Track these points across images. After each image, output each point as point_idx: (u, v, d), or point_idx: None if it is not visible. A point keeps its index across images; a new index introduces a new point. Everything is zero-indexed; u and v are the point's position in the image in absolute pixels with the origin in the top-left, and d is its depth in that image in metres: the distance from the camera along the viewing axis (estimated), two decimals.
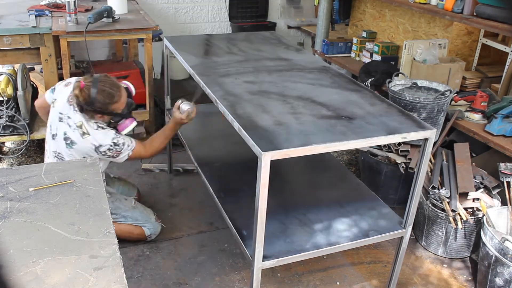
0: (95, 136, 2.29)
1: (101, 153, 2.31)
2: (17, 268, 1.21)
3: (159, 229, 2.68)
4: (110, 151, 2.32)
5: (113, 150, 2.33)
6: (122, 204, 2.59)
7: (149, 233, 2.63)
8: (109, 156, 2.35)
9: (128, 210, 2.58)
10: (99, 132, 2.30)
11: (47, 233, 1.35)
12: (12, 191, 1.52)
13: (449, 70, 3.19)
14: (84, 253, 1.28)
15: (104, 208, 1.48)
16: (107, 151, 2.31)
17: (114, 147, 2.32)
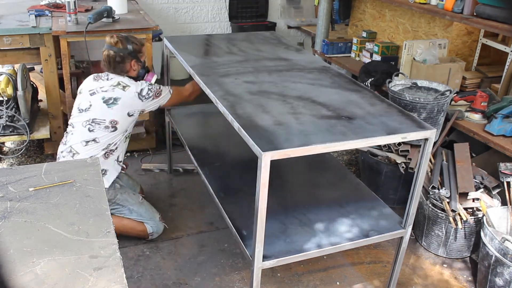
0: (135, 86, 2.54)
1: (145, 97, 2.54)
2: (17, 268, 1.21)
3: (162, 229, 2.68)
4: (151, 91, 2.57)
5: (154, 89, 2.58)
6: (130, 197, 2.63)
7: (151, 230, 2.63)
8: (152, 97, 2.56)
9: (135, 204, 2.61)
10: (136, 83, 2.57)
11: (47, 233, 1.35)
12: (12, 191, 1.52)
13: (449, 70, 3.19)
14: (84, 253, 1.28)
15: (104, 208, 1.48)
16: (149, 92, 2.55)
17: (153, 86, 2.60)
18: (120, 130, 2.52)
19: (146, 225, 2.62)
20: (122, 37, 2.59)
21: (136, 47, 2.61)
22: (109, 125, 2.48)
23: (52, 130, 3.31)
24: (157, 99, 2.60)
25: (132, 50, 2.58)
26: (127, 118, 2.53)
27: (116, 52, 2.54)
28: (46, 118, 3.34)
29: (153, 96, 2.57)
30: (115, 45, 2.55)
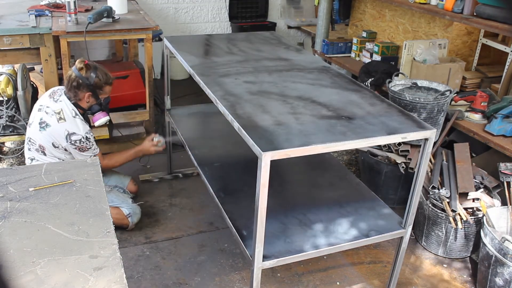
0: (71, 124, 2.48)
1: (70, 142, 2.46)
2: (17, 268, 1.21)
3: (139, 210, 2.73)
4: (81, 142, 2.48)
5: (83, 143, 2.49)
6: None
7: (127, 212, 2.67)
8: (76, 147, 2.48)
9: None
10: (75, 120, 2.50)
11: (47, 233, 1.35)
12: (12, 191, 1.52)
13: (449, 70, 3.19)
14: (84, 253, 1.28)
15: (104, 208, 1.48)
16: (77, 142, 2.47)
17: (86, 140, 2.50)
18: (49, 156, 2.51)
19: (121, 209, 2.66)
20: (91, 66, 2.55)
21: (98, 82, 2.55)
22: (39, 148, 2.51)
23: None
24: (80, 152, 2.51)
25: (91, 83, 2.53)
26: (53, 148, 2.50)
27: (76, 76, 2.51)
28: None
29: (78, 148, 2.50)
30: (79, 70, 2.52)
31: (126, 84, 3.52)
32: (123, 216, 2.66)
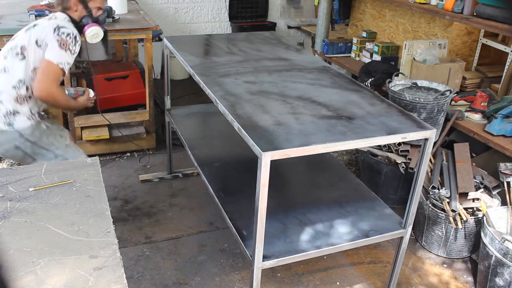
0: (63, 21, 2.33)
1: (58, 34, 2.27)
2: (17, 268, 1.21)
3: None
4: (67, 36, 2.28)
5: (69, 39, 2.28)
6: (57, 140, 2.44)
7: None
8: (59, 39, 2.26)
9: (60, 148, 2.42)
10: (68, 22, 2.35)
11: (47, 233, 1.35)
12: (12, 191, 1.52)
13: (449, 70, 3.19)
14: (84, 253, 1.28)
15: (104, 208, 1.48)
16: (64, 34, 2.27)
17: (73, 39, 2.30)
18: (27, 62, 2.29)
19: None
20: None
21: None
22: (19, 51, 2.29)
23: None
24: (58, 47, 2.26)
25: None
26: (36, 48, 2.27)
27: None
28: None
29: (60, 41, 2.26)
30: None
31: (126, 84, 3.53)
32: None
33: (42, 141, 2.36)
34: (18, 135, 2.28)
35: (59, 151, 2.41)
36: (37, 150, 2.34)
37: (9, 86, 2.27)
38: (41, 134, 2.35)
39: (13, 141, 2.28)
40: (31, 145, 2.32)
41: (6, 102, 2.26)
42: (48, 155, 2.38)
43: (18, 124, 2.27)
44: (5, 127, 2.25)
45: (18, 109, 2.28)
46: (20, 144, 2.29)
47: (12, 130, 2.26)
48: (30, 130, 2.30)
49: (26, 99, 2.30)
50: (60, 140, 2.45)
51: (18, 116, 2.28)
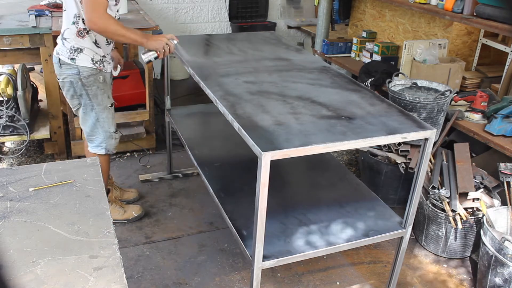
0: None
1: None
2: (17, 268, 1.21)
3: (114, 146, 2.60)
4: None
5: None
6: (103, 97, 2.46)
7: (103, 151, 2.58)
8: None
9: (101, 105, 2.46)
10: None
11: (47, 233, 1.35)
12: (12, 191, 1.52)
13: (449, 70, 3.19)
14: (84, 253, 1.28)
15: (104, 208, 1.48)
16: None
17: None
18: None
19: (93, 149, 2.56)
20: None
21: None
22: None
23: (52, 130, 3.31)
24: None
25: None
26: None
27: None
28: (46, 118, 3.34)
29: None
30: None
31: (126, 84, 3.52)
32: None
33: (90, 89, 2.41)
34: (76, 72, 2.35)
35: (97, 108, 2.46)
36: (83, 93, 2.41)
37: (69, 22, 2.33)
38: (94, 82, 2.40)
39: (71, 75, 2.36)
40: (81, 86, 2.38)
41: (70, 39, 2.33)
42: (87, 105, 2.44)
43: (80, 61, 2.34)
44: (68, 60, 2.34)
45: (81, 44, 2.34)
46: (73, 80, 2.37)
47: (73, 65, 2.34)
48: (87, 73, 2.37)
49: (86, 32, 2.34)
50: (105, 99, 2.48)
51: (82, 54, 2.34)
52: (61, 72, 2.38)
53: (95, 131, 2.53)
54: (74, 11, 2.32)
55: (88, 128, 2.53)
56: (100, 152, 2.57)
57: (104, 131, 2.53)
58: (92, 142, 2.57)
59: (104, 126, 2.52)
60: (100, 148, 2.57)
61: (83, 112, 2.48)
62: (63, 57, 2.35)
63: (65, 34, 2.35)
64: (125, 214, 2.82)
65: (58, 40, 2.41)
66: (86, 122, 2.51)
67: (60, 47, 2.38)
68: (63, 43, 2.36)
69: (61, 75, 2.40)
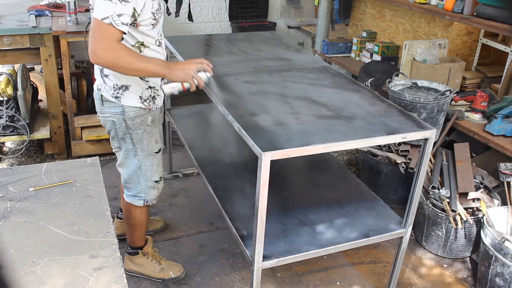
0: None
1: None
2: (17, 268, 1.21)
3: (154, 196, 2.25)
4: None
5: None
6: (148, 142, 2.12)
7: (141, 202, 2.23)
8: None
9: (144, 151, 2.12)
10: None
11: (47, 233, 1.35)
12: (12, 191, 1.52)
13: (449, 70, 3.19)
14: (84, 253, 1.28)
15: (104, 208, 1.48)
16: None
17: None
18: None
19: (129, 198, 2.22)
20: None
21: None
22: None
23: (52, 130, 3.31)
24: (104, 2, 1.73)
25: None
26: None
27: None
28: (46, 118, 3.34)
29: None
30: None
31: None
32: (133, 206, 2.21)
33: (136, 133, 2.06)
34: (120, 111, 2.01)
35: (141, 154, 2.12)
36: (126, 137, 2.07)
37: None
38: (141, 125, 2.06)
39: (113, 114, 2.03)
40: (124, 129, 2.05)
41: (111, 76, 1.99)
42: (129, 150, 2.10)
43: (125, 100, 2.00)
44: (112, 98, 2.00)
45: (125, 81, 1.98)
46: (116, 121, 2.03)
47: (118, 104, 2.00)
48: (133, 113, 2.02)
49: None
50: (151, 144, 2.14)
51: (127, 92, 2.00)
52: (103, 110, 2.05)
53: (134, 180, 2.17)
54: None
55: (126, 175, 2.17)
56: (138, 204, 2.21)
57: (146, 180, 2.17)
58: (129, 190, 2.21)
59: (146, 174, 2.16)
60: (137, 198, 2.21)
61: (123, 157, 2.13)
62: (106, 94, 2.01)
63: (105, 70, 1.99)
64: (161, 273, 2.40)
65: (96, 74, 2.05)
66: (126, 167, 2.16)
67: (100, 83, 2.03)
68: (103, 80, 2.01)
69: (102, 113, 2.06)
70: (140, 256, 2.40)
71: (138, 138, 2.08)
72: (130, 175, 2.16)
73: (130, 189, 2.21)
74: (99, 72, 2.03)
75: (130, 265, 2.41)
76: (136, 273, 2.41)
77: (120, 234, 2.48)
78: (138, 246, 2.39)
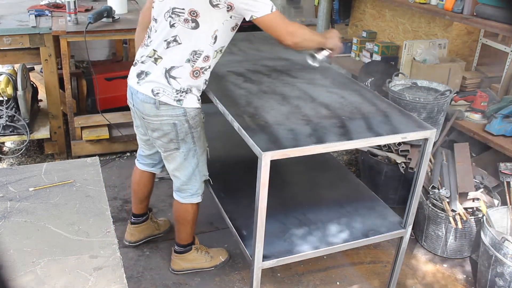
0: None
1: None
2: (17, 268, 1.21)
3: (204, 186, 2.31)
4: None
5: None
6: (203, 138, 2.19)
7: (199, 199, 2.29)
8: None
9: (202, 147, 2.17)
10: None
11: (47, 233, 1.35)
12: (12, 191, 1.52)
13: (449, 70, 3.19)
14: (84, 253, 1.28)
15: (104, 208, 1.48)
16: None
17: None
18: (203, 29, 1.91)
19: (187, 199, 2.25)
20: None
21: None
22: (188, 17, 1.90)
23: (52, 130, 3.31)
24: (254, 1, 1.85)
25: None
26: (211, 9, 1.87)
27: None
28: (46, 118, 3.34)
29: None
30: None
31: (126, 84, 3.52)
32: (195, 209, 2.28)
33: (196, 130, 2.10)
34: (182, 112, 2.00)
35: (199, 151, 2.16)
36: (187, 137, 2.08)
37: (182, 60, 1.95)
38: (199, 122, 2.11)
39: (174, 117, 2.01)
40: (187, 128, 2.05)
41: (182, 80, 1.97)
42: (190, 149, 2.12)
43: (187, 102, 2.00)
44: (174, 102, 1.98)
45: (193, 84, 2.00)
46: (178, 123, 2.02)
47: (179, 106, 1.99)
48: (194, 112, 2.05)
49: (203, 72, 2.01)
50: (205, 141, 2.21)
51: (190, 94, 2.01)
52: (159, 113, 1.99)
53: (193, 179, 2.20)
54: (194, 48, 1.93)
55: (185, 176, 2.18)
56: (197, 201, 2.27)
57: (202, 175, 2.22)
58: (186, 192, 2.24)
59: (203, 170, 2.21)
60: (196, 196, 2.25)
61: (183, 159, 2.13)
62: (166, 98, 1.96)
63: (174, 72, 1.95)
64: (212, 261, 2.48)
65: (157, 76, 1.98)
66: (185, 169, 2.16)
67: (160, 86, 1.97)
68: (168, 81, 1.96)
69: (158, 116, 2.00)
70: (193, 251, 2.44)
71: (198, 136, 2.12)
72: (189, 175, 2.18)
73: (187, 190, 2.23)
74: (161, 73, 1.97)
75: (181, 264, 2.44)
76: (188, 269, 2.45)
77: (136, 240, 2.58)
78: (190, 242, 2.42)
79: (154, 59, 2.00)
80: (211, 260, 2.48)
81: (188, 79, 1.97)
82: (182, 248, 2.42)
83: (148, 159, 2.47)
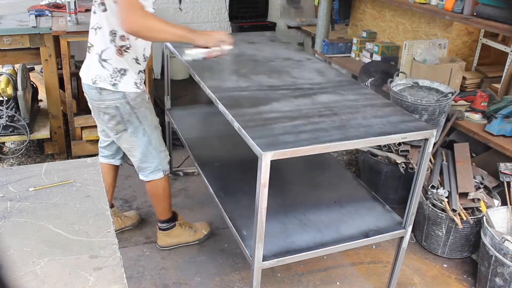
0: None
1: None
2: (17, 268, 1.21)
3: (168, 166, 2.42)
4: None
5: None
6: (151, 116, 2.30)
7: (161, 175, 2.39)
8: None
9: (151, 126, 2.29)
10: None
11: (47, 233, 1.35)
12: (12, 191, 1.52)
13: (451, 71, 3.18)
14: (84, 253, 1.28)
15: (104, 208, 1.48)
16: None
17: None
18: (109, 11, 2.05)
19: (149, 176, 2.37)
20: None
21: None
22: (100, 1, 2.08)
23: (52, 130, 3.31)
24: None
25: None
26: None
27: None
28: (46, 118, 3.34)
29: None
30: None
31: None
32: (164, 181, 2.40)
33: (140, 110, 2.21)
34: (121, 96, 2.14)
35: (148, 129, 2.26)
36: (132, 118, 2.21)
37: (106, 42, 2.10)
38: (141, 103, 2.21)
39: (116, 100, 2.15)
40: (129, 109, 2.18)
41: (112, 60, 2.11)
42: (138, 128, 2.24)
43: (123, 86, 2.13)
44: (111, 87, 2.12)
45: (124, 64, 2.12)
46: (120, 105, 2.16)
47: (116, 90, 2.13)
48: (133, 95, 2.16)
49: (125, 49, 2.12)
50: (154, 118, 2.31)
51: (125, 77, 2.13)
52: (101, 98, 2.15)
53: (148, 156, 2.32)
54: (109, 28, 2.08)
55: (140, 154, 2.31)
56: (159, 176, 2.38)
57: (158, 151, 2.33)
58: (146, 170, 2.37)
59: (157, 146, 2.32)
60: (157, 171, 2.37)
61: (131, 139, 2.27)
62: (104, 84, 2.12)
63: (103, 55, 2.11)
64: (195, 235, 2.66)
65: (92, 65, 2.15)
66: (137, 148, 2.29)
67: (97, 72, 2.13)
68: (102, 65, 2.12)
69: (102, 100, 2.16)
70: (177, 227, 2.60)
71: (143, 115, 2.24)
72: (143, 153, 2.31)
73: (146, 168, 2.37)
74: (96, 60, 2.14)
75: (167, 240, 2.60)
76: (174, 245, 2.62)
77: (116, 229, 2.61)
78: (169, 218, 2.58)
79: (89, 48, 2.19)
80: (194, 234, 2.66)
81: (117, 59, 2.12)
82: (166, 224, 2.58)
83: (106, 150, 2.57)
